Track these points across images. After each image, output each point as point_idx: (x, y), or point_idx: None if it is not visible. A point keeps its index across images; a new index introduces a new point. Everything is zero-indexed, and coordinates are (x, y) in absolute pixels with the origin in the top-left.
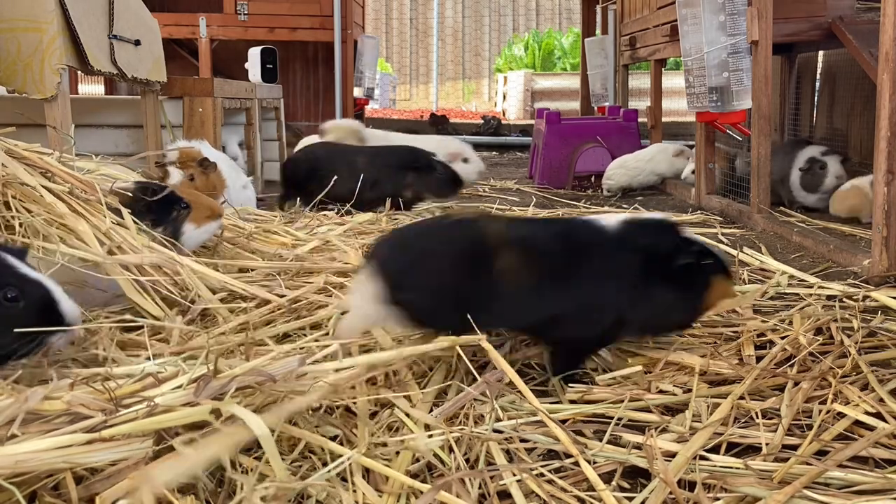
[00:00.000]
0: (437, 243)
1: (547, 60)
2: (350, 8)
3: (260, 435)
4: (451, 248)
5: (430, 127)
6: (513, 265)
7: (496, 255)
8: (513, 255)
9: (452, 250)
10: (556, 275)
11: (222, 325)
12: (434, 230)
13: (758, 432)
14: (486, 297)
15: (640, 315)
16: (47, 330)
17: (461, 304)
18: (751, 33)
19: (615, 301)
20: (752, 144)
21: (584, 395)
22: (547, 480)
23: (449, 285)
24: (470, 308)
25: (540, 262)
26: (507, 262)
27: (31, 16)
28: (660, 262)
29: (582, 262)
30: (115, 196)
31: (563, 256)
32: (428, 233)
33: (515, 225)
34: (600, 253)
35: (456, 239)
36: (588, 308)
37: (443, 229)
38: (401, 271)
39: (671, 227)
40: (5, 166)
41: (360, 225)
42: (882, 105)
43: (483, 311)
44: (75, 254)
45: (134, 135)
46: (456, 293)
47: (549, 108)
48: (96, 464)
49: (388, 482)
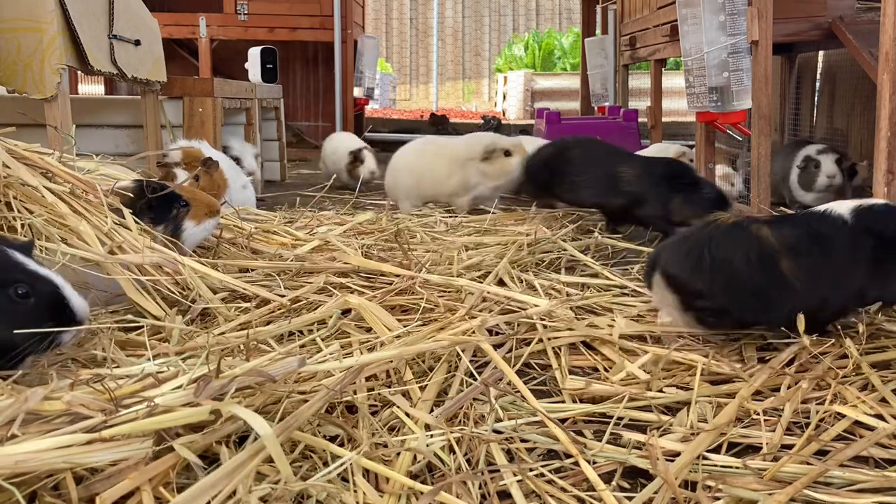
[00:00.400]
0: (727, 251)
1: (547, 60)
2: (350, 8)
3: (263, 436)
4: (741, 254)
5: (430, 127)
6: (791, 261)
7: (779, 256)
8: (789, 253)
9: (743, 256)
10: (824, 264)
11: (223, 325)
12: (719, 238)
13: (758, 432)
14: (774, 295)
15: (876, 287)
16: (58, 330)
17: (755, 306)
18: (751, 33)
19: (860, 277)
20: (752, 144)
21: (583, 393)
22: (547, 481)
23: (746, 290)
24: (762, 307)
25: (812, 253)
26: (786, 259)
27: (31, 16)
28: (889, 241)
29: (836, 248)
30: (116, 196)
31: (823, 246)
32: (714, 241)
33: (776, 225)
34: (845, 238)
35: (742, 244)
36: (843, 286)
37: (726, 236)
38: (697, 282)
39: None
40: (7, 167)
41: (360, 225)
42: (882, 105)
43: (772, 309)
44: (76, 253)
45: (134, 135)
46: (751, 296)
47: (549, 108)
48: (96, 464)
49: (388, 482)
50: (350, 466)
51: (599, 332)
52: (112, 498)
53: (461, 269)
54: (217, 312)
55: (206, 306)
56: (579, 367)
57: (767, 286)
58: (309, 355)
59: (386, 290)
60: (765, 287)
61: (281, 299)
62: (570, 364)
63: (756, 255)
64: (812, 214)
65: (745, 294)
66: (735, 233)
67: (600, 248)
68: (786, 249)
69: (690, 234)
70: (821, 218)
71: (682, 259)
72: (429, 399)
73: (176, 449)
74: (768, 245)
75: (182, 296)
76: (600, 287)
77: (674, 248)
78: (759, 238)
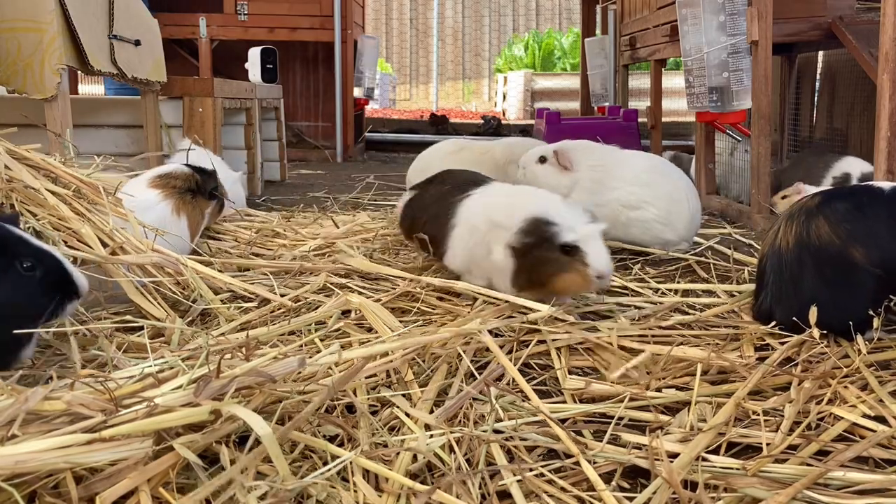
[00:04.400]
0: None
1: (547, 60)
2: (350, 8)
3: (262, 435)
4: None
5: (430, 127)
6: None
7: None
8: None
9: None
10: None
11: (223, 325)
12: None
13: (758, 432)
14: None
15: None
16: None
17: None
18: (751, 33)
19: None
20: (752, 144)
21: (583, 393)
22: (547, 481)
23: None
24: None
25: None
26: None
27: (31, 16)
28: None
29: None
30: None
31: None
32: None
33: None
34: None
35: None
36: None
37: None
38: None
39: None
40: (9, 168)
41: (360, 226)
42: (882, 105)
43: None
44: (78, 256)
45: (134, 135)
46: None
47: (549, 108)
48: (96, 464)
49: (388, 482)
50: (350, 466)
51: (599, 334)
52: (112, 497)
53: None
54: (218, 312)
55: (206, 307)
56: (579, 368)
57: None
58: (309, 355)
59: (387, 292)
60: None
61: (281, 299)
62: (570, 364)
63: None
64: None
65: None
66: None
67: None
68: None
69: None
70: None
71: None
72: (429, 399)
73: (176, 448)
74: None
75: (183, 296)
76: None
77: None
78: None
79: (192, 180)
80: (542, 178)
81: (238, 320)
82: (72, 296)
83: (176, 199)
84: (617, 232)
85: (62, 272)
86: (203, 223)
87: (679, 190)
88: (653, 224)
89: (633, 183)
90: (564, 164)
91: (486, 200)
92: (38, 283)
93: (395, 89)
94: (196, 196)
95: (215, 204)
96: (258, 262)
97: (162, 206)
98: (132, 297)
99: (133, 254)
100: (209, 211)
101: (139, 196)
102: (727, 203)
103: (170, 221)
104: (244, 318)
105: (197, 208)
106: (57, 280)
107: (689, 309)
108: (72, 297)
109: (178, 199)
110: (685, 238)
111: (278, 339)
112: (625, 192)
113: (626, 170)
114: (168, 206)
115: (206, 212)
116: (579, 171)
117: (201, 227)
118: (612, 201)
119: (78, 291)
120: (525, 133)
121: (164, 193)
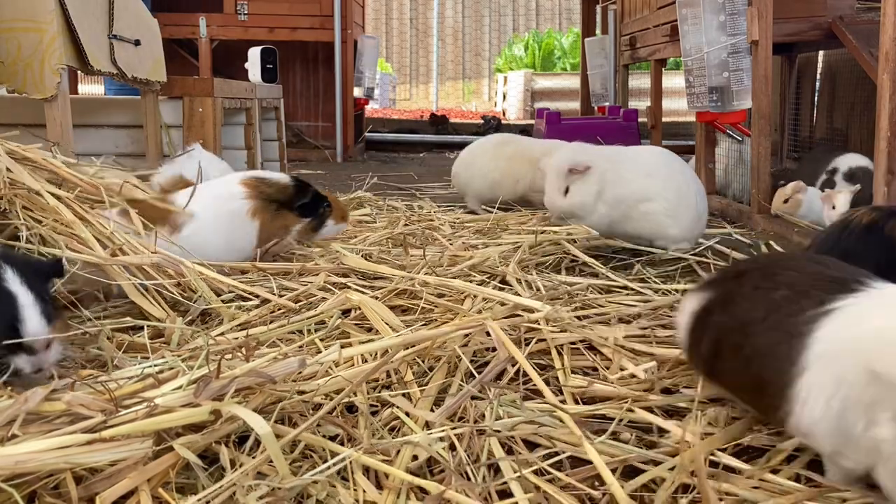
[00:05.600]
0: None
1: (547, 60)
2: (350, 8)
3: (262, 434)
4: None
5: (430, 127)
6: None
7: None
8: None
9: None
10: None
11: (224, 325)
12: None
13: (759, 434)
14: None
15: None
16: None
17: None
18: (751, 33)
19: None
20: (752, 144)
21: (584, 393)
22: (548, 479)
23: None
24: None
25: None
26: None
27: (31, 16)
28: None
29: None
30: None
31: None
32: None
33: None
34: None
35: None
36: None
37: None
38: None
39: None
40: (10, 170)
41: (359, 224)
42: (882, 105)
43: None
44: (79, 258)
45: (134, 135)
46: None
47: (549, 108)
48: (96, 464)
49: (388, 479)
50: (350, 465)
51: (599, 334)
52: (112, 497)
53: (466, 269)
54: (219, 312)
55: (206, 307)
56: (579, 368)
57: None
58: (309, 355)
59: (385, 290)
60: None
61: (279, 300)
62: (571, 364)
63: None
64: None
65: None
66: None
67: (600, 249)
68: None
69: None
70: None
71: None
72: (430, 396)
73: (176, 449)
74: None
75: (184, 297)
76: (602, 287)
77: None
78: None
79: (284, 192)
80: (580, 208)
81: (238, 319)
82: (16, 349)
83: (258, 202)
84: (626, 227)
85: (8, 318)
86: (285, 237)
87: (689, 185)
88: (659, 217)
89: (645, 175)
90: (581, 170)
91: (866, 328)
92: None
93: (395, 89)
94: (281, 208)
95: (307, 223)
96: (259, 263)
97: (240, 204)
98: (132, 298)
99: (132, 255)
100: (297, 228)
101: (226, 186)
102: (727, 203)
103: (240, 220)
104: (244, 317)
105: (278, 220)
106: (5, 329)
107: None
108: (16, 350)
109: (259, 204)
110: (688, 237)
111: (278, 339)
112: (638, 186)
113: (639, 162)
114: (246, 205)
115: (294, 228)
116: (596, 165)
117: (277, 239)
118: (628, 196)
119: (27, 345)
120: (525, 133)
121: (250, 193)
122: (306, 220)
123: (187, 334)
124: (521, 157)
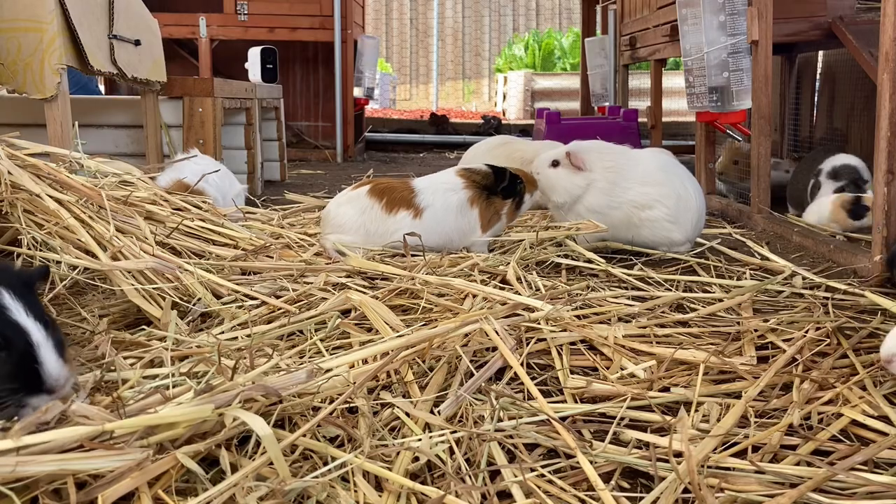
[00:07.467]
0: None
1: (547, 60)
2: (350, 8)
3: (263, 436)
4: None
5: (431, 127)
6: None
7: None
8: None
9: None
10: None
11: (224, 325)
12: None
13: (760, 432)
14: None
15: None
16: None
17: None
18: (751, 33)
19: None
20: (752, 144)
21: (584, 393)
22: (547, 481)
23: None
24: None
25: None
26: None
27: (31, 16)
28: None
29: None
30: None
31: None
32: None
33: None
34: None
35: None
36: None
37: None
38: None
39: None
40: (10, 174)
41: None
42: (882, 105)
43: None
44: (78, 263)
45: (134, 135)
46: None
47: (549, 108)
48: (97, 471)
49: (388, 482)
50: (350, 468)
51: (599, 334)
52: (112, 499)
53: (466, 269)
54: (220, 313)
55: (205, 309)
56: (579, 368)
57: None
58: (310, 356)
59: (386, 289)
60: None
61: (277, 301)
62: (571, 364)
63: None
64: None
65: None
66: None
67: (600, 249)
68: None
69: None
70: None
71: None
72: (430, 395)
73: (178, 458)
74: None
75: (183, 300)
76: (602, 287)
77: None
78: None
79: (489, 179)
80: (556, 181)
81: (238, 319)
82: (36, 390)
83: (473, 191)
84: (627, 234)
85: (28, 359)
86: (499, 221)
87: (687, 188)
88: (662, 223)
89: (644, 183)
90: (578, 164)
91: None
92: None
93: (395, 89)
94: (491, 195)
95: (511, 203)
96: (259, 264)
97: (463, 193)
98: (133, 299)
99: (131, 259)
100: (505, 211)
101: (448, 179)
102: (727, 203)
103: (464, 209)
104: (244, 317)
105: (491, 206)
106: (20, 369)
107: (689, 306)
108: (36, 391)
109: (475, 192)
110: (690, 238)
111: (278, 339)
112: (637, 193)
113: (638, 170)
114: (467, 194)
115: (502, 212)
116: (594, 172)
117: (494, 224)
118: (626, 203)
119: (45, 386)
120: (525, 133)
121: (466, 183)
122: (509, 201)
123: (187, 334)
124: (516, 158)
